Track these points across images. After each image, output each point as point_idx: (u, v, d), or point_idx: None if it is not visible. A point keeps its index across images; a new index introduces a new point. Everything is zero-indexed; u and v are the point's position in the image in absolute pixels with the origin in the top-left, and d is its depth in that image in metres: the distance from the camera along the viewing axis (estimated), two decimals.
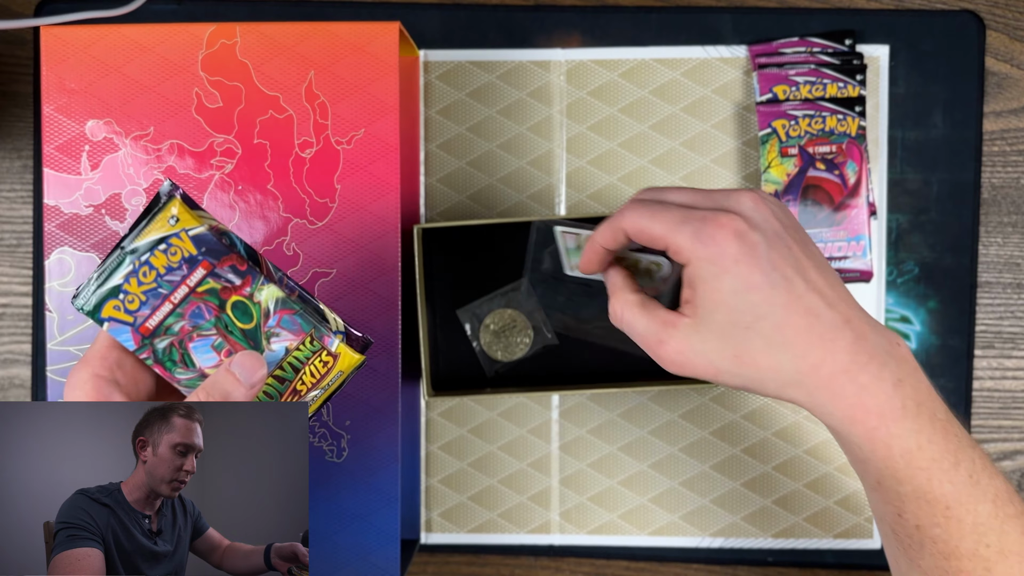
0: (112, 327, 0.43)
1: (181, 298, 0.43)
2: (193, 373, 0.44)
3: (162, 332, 0.43)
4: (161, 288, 0.43)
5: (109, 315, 0.43)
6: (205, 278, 0.43)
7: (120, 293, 0.43)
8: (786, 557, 0.69)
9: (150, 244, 0.42)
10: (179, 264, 0.42)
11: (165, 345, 0.43)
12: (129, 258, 0.42)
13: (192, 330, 0.43)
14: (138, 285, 0.42)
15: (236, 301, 0.43)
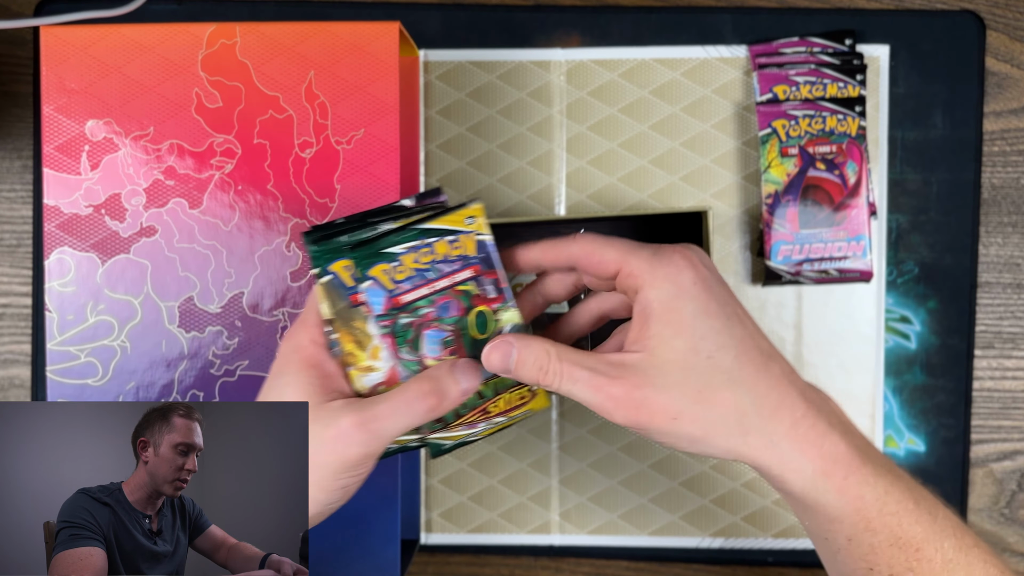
0: (371, 287, 0.44)
1: (440, 288, 0.45)
2: (414, 358, 0.45)
3: (409, 310, 0.45)
4: (430, 272, 0.45)
5: (376, 275, 0.45)
6: (469, 280, 0.46)
7: (395, 260, 0.45)
8: (786, 557, 0.69)
9: (442, 231, 0.45)
10: (456, 259, 0.45)
11: (406, 322, 0.45)
12: (420, 236, 0.45)
13: (434, 319, 0.45)
14: (414, 261, 0.45)
15: (481, 311, 0.46)
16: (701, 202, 0.68)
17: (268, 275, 0.56)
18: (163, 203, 0.56)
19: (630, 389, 0.41)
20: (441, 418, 0.45)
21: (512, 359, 0.44)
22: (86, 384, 0.56)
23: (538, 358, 0.43)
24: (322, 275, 0.44)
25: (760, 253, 0.67)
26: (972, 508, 0.69)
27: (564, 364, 0.43)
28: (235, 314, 0.56)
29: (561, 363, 0.43)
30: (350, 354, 0.45)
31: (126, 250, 0.56)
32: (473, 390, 0.45)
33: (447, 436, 0.46)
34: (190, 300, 0.56)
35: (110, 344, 0.56)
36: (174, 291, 0.56)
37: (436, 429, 0.46)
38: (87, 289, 0.56)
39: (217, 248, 0.56)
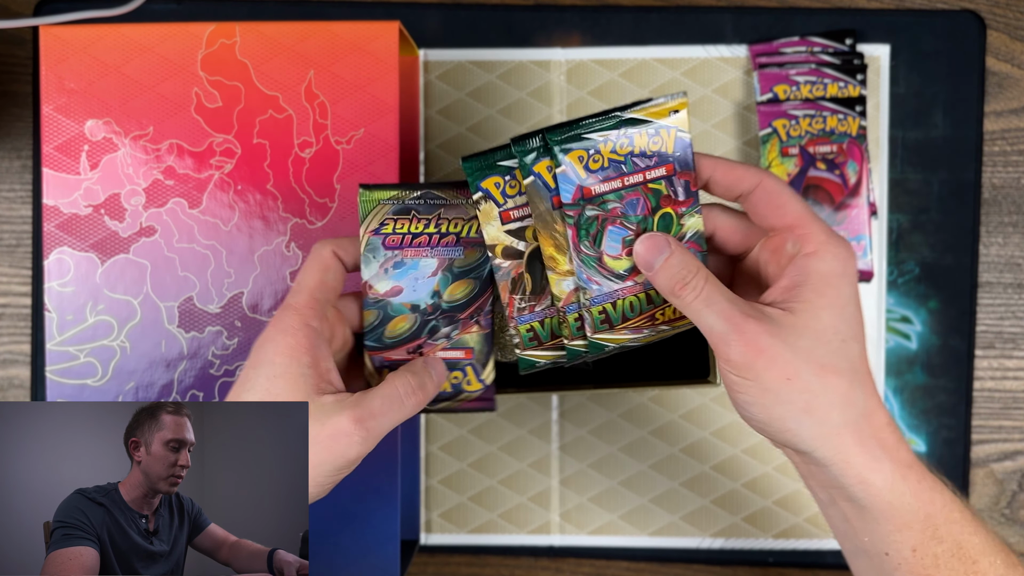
0: (563, 173, 0.43)
1: (633, 183, 0.44)
2: (594, 253, 0.44)
3: (597, 202, 0.44)
4: (625, 165, 0.44)
5: (571, 160, 0.43)
6: (661, 178, 0.44)
7: (592, 149, 0.43)
8: (787, 558, 0.69)
9: (645, 123, 0.44)
10: (652, 154, 0.44)
11: (591, 215, 0.44)
12: (622, 126, 0.43)
13: (620, 216, 0.44)
14: (611, 152, 0.44)
15: (666, 212, 0.44)
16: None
17: (268, 275, 0.56)
18: (163, 203, 0.55)
19: (761, 333, 0.41)
20: (607, 318, 0.45)
21: (660, 258, 0.43)
22: (85, 384, 0.56)
23: (686, 267, 0.43)
24: (527, 175, 0.44)
25: None
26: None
27: (708, 284, 0.42)
28: (235, 314, 0.56)
29: (706, 282, 0.42)
30: (551, 258, 0.44)
31: (125, 250, 0.56)
32: (443, 376, 0.46)
33: (610, 338, 0.46)
34: (190, 300, 0.56)
35: (109, 344, 0.56)
36: (174, 291, 0.56)
37: (602, 330, 0.45)
38: (86, 289, 0.56)
39: (217, 248, 0.56)
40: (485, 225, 0.45)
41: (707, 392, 0.68)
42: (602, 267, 0.44)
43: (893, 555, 0.43)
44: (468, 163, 0.45)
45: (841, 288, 0.42)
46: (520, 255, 0.45)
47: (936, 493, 0.43)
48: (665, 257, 0.43)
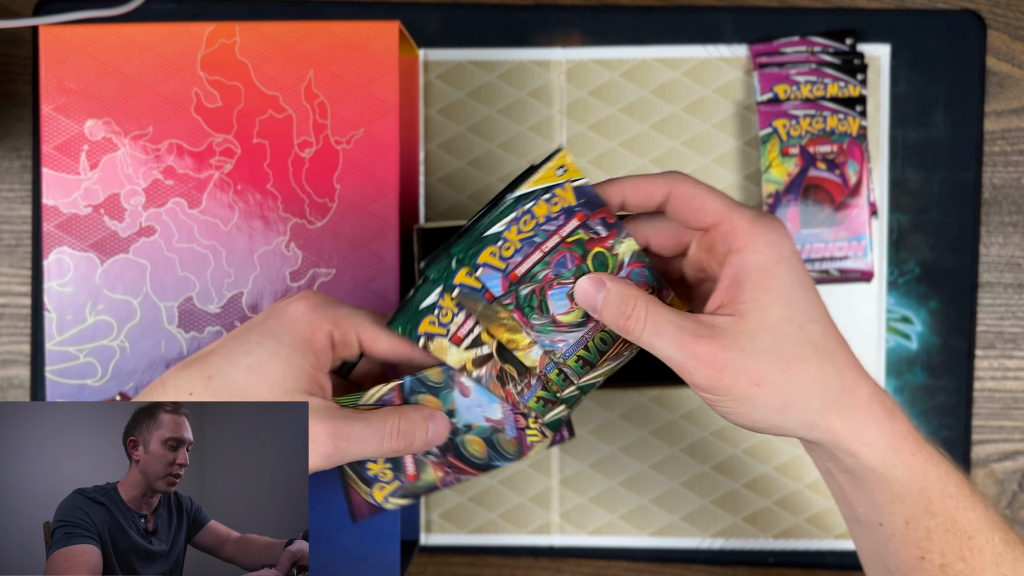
0: (484, 273, 0.44)
1: (551, 247, 0.44)
2: (546, 319, 0.45)
3: (528, 279, 0.44)
4: (536, 237, 0.44)
5: (485, 261, 0.44)
6: (577, 229, 0.45)
7: (500, 240, 0.44)
8: (787, 558, 0.69)
9: (537, 193, 0.44)
10: (557, 214, 0.44)
11: (528, 292, 0.44)
12: (516, 206, 0.44)
13: (554, 278, 0.45)
14: (517, 233, 0.44)
15: (597, 252, 0.45)
16: None
17: (268, 275, 0.56)
18: (162, 203, 0.55)
19: (717, 350, 0.40)
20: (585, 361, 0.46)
21: (599, 297, 0.43)
22: (85, 384, 0.55)
23: (625, 302, 0.42)
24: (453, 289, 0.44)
25: None
26: None
27: (650, 313, 0.42)
28: (234, 314, 0.56)
29: (648, 312, 0.42)
30: (510, 341, 0.45)
31: (125, 250, 0.56)
32: (441, 439, 0.46)
33: (596, 375, 0.46)
34: (189, 300, 0.55)
35: (109, 344, 0.56)
36: (173, 291, 0.56)
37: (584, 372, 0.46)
38: (86, 289, 0.56)
39: (216, 248, 0.56)
40: (445, 357, 0.45)
41: None
42: (559, 327, 0.45)
43: (887, 526, 0.43)
44: (394, 325, 0.45)
45: (781, 276, 0.41)
46: (489, 356, 0.46)
47: (931, 467, 0.42)
48: (603, 296, 0.43)
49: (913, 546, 0.43)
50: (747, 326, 0.41)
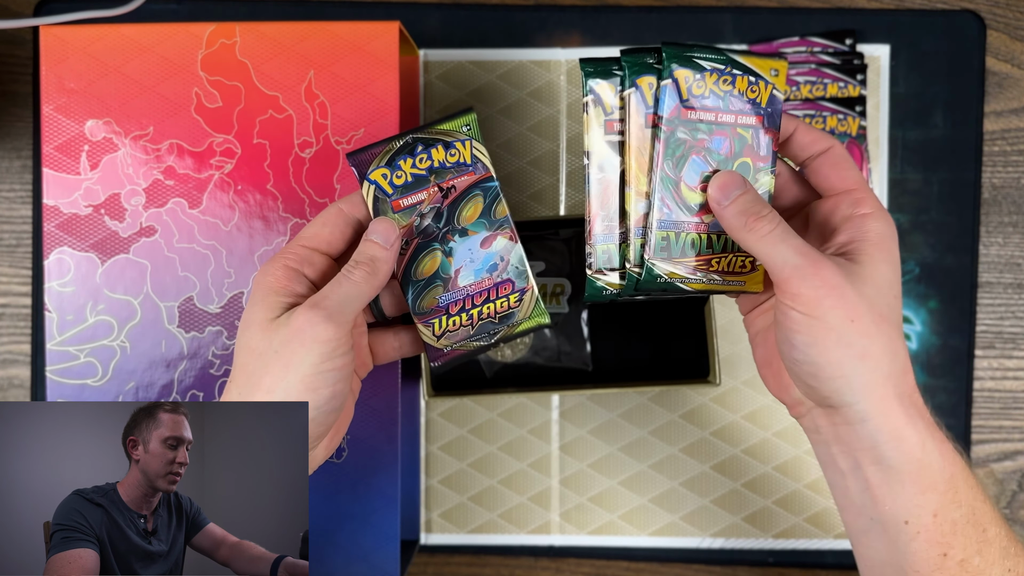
0: (668, 86, 0.46)
1: (724, 122, 0.47)
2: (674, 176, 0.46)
3: (690, 126, 0.46)
4: (722, 101, 0.47)
5: (678, 77, 0.46)
6: (750, 127, 0.47)
7: (698, 74, 0.46)
8: (787, 558, 0.69)
9: (748, 69, 0.47)
10: (748, 101, 0.47)
11: (682, 138, 0.46)
12: (726, 62, 0.47)
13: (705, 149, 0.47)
14: (712, 84, 0.47)
15: (745, 162, 0.48)
16: None
17: None
18: (163, 203, 0.55)
19: (835, 272, 0.43)
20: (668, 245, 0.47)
21: (734, 193, 0.46)
22: (85, 384, 0.56)
23: (760, 205, 0.45)
24: (630, 86, 0.46)
25: None
26: None
27: (782, 224, 0.44)
28: (235, 314, 0.56)
29: (779, 221, 0.44)
30: (635, 176, 0.47)
31: (125, 250, 0.56)
32: (394, 240, 0.47)
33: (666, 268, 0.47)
34: (190, 300, 0.56)
35: (110, 344, 0.56)
36: (174, 291, 0.56)
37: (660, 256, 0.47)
38: (86, 289, 0.56)
39: (217, 248, 0.56)
40: (588, 131, 0.47)
41: (707, 392, 0.68)
42: (677, 193, 0.46)
43: (913, 522, 0.44)
44: (586, 64, 0.47)
45: (893, 249, 0.45)
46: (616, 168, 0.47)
47: (957, 456, 0.44)
48: (738, 194, 0.45)
49: (937, 542, 0.43)
50: (861, 272, 0.44)
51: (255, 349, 0.44)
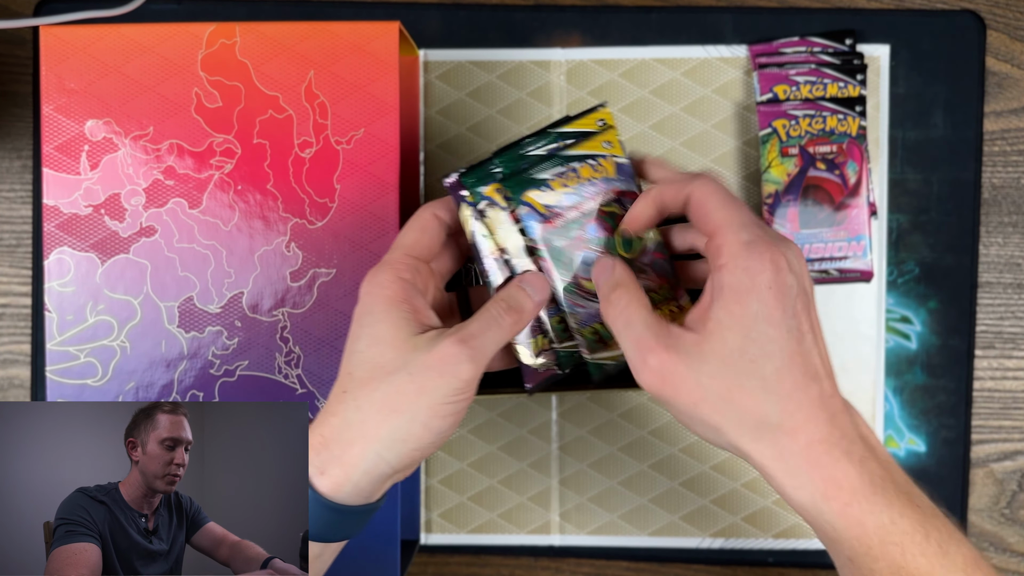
0: (526, 212, 0.47)
1: (588, 210, 0.48)
2: (569, 278, 0.47)
3: (561, 233, 0.47)
4: (576, 196, 0.48)
5: (529, 200, 0.47)
6: (612, 201, 0.48)
7: (544, 186, 0.48)
8: (787, 557, 0.69)
9: (583, 156, 0.48)
10: (598, 181, 0.48)
11: (561, 245, 0.47)
12: (562, 161, 0.48)
13: (584, 241, 0.48)
14: (561, 186, 0.48)
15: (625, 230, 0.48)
16: None
17: (268, 275, 0.56)
18: (163, 203, 0.56)
19: (667, 361, 0.42)
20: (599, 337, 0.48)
21: (602, 278, 0.46)
22: (86, 384, 0.56)
23: (615, 289, 0.45)
24: (478, 200, 0.47)
25: None
26: (972, 508, 0.69)
27: (629, 307, 0.44)
28: (235, 314, 0.56)
29: (627, 304, 0.44)
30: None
31: (126, 250, 0.56)
32: (545, 296, 0.47)
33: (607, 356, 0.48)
34: (190, 300, 0.56)
35: (110, 344, 0.56)
36: (174, 291, 0.56)
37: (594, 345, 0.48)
38: (87, 289, 0.56)
39: (217, 248, 0.56)
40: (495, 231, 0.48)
41: None
42: (581, 290, 0.47)
43: (834, 556, 0.44)
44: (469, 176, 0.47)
45: (748, 305, 0.42)
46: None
47: (870, 515, 0.41)
48: (605, 277, 0.46)
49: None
50: (704, 346, 0.42)
51: (384, 366, 0.44)
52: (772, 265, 0.42)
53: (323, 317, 0.56)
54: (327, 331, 0.56)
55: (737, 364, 0.42)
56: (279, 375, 0.56)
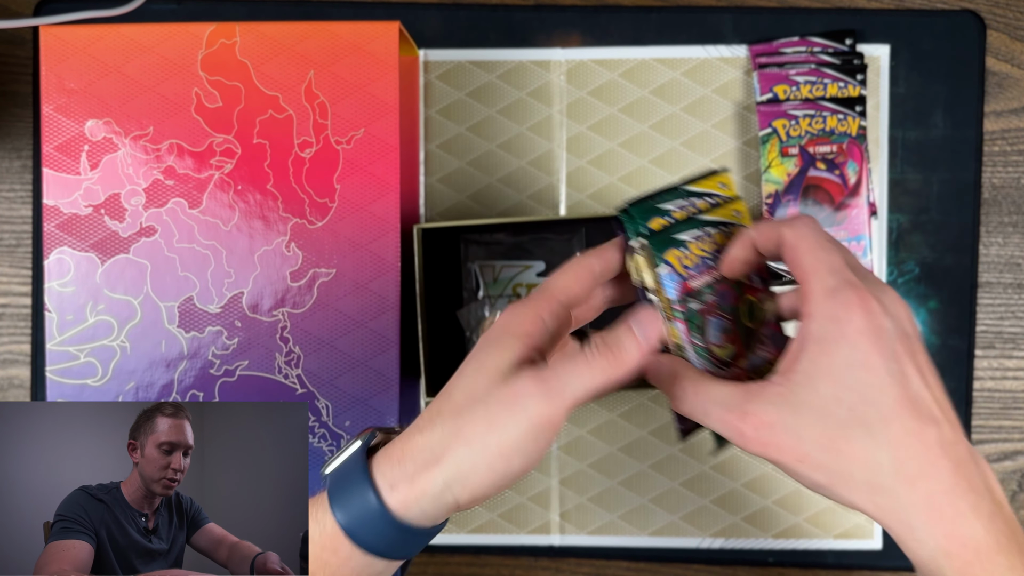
0: (666, 272, 0.46)
1: (719, 277, 0.47)
2: (702, 343, 0.46)
3: (696, 296, 0.46)
4: (709, 260, 0.47)
5: (670, 260, 0.47)
6: None
7: (683, 247, 0.47)
8: (786, 557, 0.69)
9: (716, 223, 0.47)
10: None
11: (696, 308, 0.46)
12: (700, 227, 0.47)
13: (715, 306, 0.47)
14: (698, 249, 0.47)
15: (749, 299, 0.47)
16: None
17: (268, 275, 0.56)
18: (163, 203, 0.56)
19: (759, 427, 0.40)
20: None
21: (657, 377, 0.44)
22: (86, 384, 0.56)
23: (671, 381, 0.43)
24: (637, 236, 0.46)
25: None
26: None
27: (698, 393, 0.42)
28: (235, 314, 0.56)
29: (696, 392, 0.42)
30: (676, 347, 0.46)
31: (126, 250, 0.56)
32: (655, 340, 0.44)
33: None
34: (190, 300, 0.56)
35: (110, 344, 0.56)
36: (174, 291, 0.56)
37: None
38: (87, 289, 0.56)
39: (217, 248, 0.56)
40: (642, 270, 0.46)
41: None
42: (712, 357, 0.46)
43: None
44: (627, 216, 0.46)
45: (836, 354, 0.39)
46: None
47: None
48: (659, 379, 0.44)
49: None
50: (794, 399, 0.40)
51: (474, 395, 0.42)
52: (862, 311, 0.40)
53: (323, 317, 0.56)
54: (327, 331, 0.56)
55: (833, 414, 0.39)
56: (279, 375, 0.56)
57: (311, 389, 0.56)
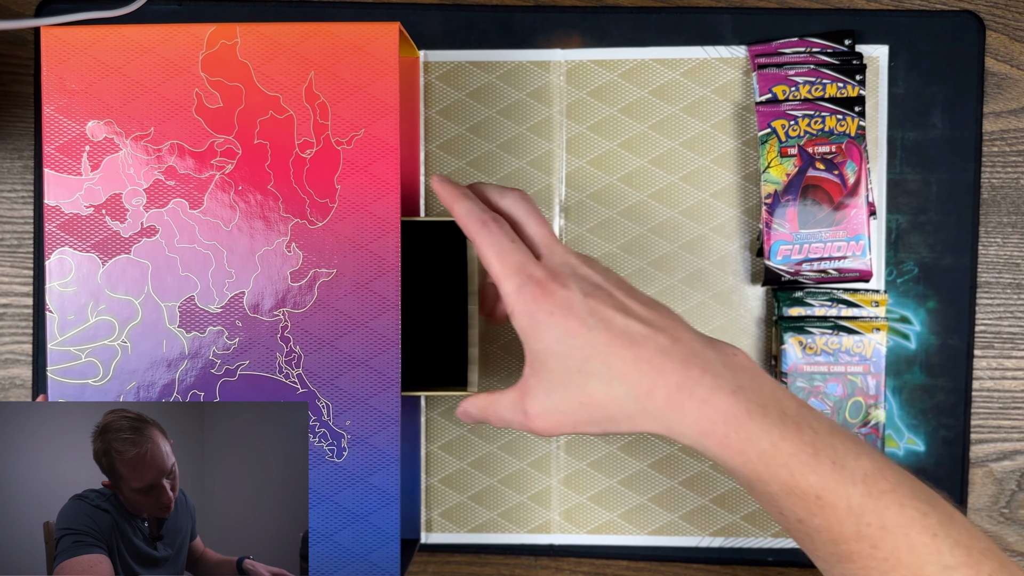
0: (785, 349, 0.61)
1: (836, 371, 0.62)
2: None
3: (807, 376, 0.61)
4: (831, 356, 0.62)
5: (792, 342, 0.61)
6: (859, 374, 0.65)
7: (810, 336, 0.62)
8: (786, 557, 0.69)
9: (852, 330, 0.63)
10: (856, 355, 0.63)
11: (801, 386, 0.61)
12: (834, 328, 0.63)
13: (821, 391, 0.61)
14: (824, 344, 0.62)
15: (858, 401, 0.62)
16: (700, 202, 0.68)
17: (269, 275, 0.56)
18: (164, 203, 0.56)
19: (537, 418, 0.47)
20: None
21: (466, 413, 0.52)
22: (87, 384, 0.56)
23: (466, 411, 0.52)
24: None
25: (759, 253, 0.67)
26: (972, 508, 0.69)
27: (498, 415, 0.49)
28: (236, 314, 0.56)
29: (496, 415, 0.50)
30: None
31: (127, 250, 0.56)
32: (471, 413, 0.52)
33: None
34: (191, 300, 0.56)
35: (111, 344, 0.56)
36: (175, 291, 0.56)
37: None
38: (88, 289, 0.56)
39: (218, 248, 0.56)
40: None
41: None
42: None
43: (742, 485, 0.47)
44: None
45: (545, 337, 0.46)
46: None
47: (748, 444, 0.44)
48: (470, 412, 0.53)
49: (768, 504, 0.46)
50: (543, 385, 0.47)
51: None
52: (545, 297, 0.46)
53: (324, 317, 0.56)
54: (328, 331, 0.56)
55: (571, 380, 0.46)
56: (280, 375, 0.56)
57: (311, 389, 0.56)
